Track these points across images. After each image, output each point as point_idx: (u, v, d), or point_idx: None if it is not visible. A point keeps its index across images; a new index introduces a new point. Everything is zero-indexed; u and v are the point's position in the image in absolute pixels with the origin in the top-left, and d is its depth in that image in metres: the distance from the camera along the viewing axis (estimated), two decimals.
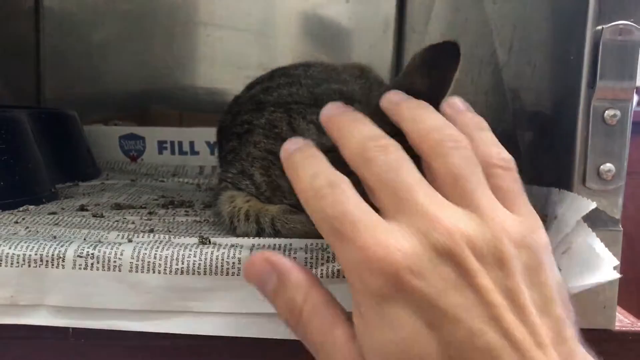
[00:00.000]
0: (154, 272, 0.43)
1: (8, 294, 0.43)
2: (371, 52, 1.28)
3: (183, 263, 0.44)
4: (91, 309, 0.44)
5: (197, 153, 0.99)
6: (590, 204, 0.45)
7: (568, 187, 0.47)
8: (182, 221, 0.57)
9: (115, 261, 0.43)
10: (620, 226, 0.47)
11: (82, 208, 0.60)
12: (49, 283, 0.43)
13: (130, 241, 0.47)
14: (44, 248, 0.44)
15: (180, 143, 0.99)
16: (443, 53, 0.46)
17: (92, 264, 0.43)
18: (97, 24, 1.25)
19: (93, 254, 0.43)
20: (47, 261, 0.43)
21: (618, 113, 0.45)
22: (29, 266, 0.43)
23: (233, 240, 0.48)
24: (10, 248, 0.43)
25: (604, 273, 0.42)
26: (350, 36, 1.29)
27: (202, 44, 1.27)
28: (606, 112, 0.45)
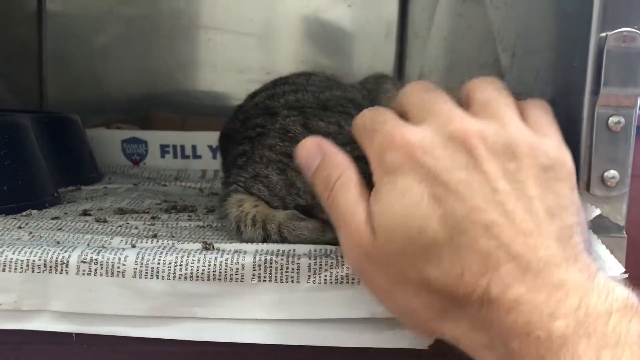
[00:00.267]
0: (158, 278, 0.43)
1: (12, 299, 0.43)
2: (373, 57, 1.28)
3: (187, 269, 0.44)
4: (94, 315, 0.44)
5: (200, 157, 0.99)
6: (594, 211, 0.45)
7: None
8: (185, 226, 0.57)
9: (119, 267, 0.43)
10: (624, 232, 0.47)
11: (85, 213, 0.60)
12: (53, 288, 0.43)
13: (133, 247, 0.47)
14: (48, 253, 0.44)
15: (182, 147, 0.99)
16: None
17: (96, 270, 0.43)
18: (100, 28, 1.25)
19: (97, 260, 0.43)
20: (51, 267, 0.43)
21: (622, 120, 0.45)
22: (33, 272, 0.43)
23: (237, 246, 0.47)
24: (14, 253, 0.43)
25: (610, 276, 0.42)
26: (352, 41, 1.29)
27: (204, 48, 1.27)
28: (610, 119, 0.45)
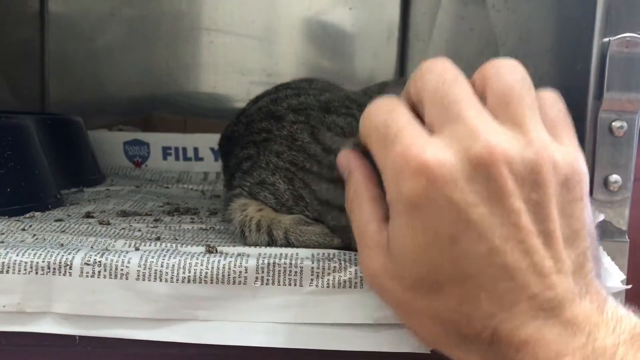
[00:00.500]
0: (161, 281, 0.43)
1: (15, 301, 0.43)
2: (374, 60, 1.28)
3: (190, 272, 0.44)
4: (98, 317, 0.44)
5: (202, 159, 1.00)
6: (598, 216, 0.45)
7: None
8: (188, 229, 0.57)
9: (122, 269, 0.43)
10: (626, 237, 0.47)
11: (88, 215, 0.60)
12: (56, 290, 0.43)
13: (137, 249, 0.47)
14: (51, 255, 0.44)
15: (184, 149, 1.00)
16: None
17: (99, 272, 0.43)
18: (102, 30, 1.25)
19: (100, 262, 0.43)
20: (55, 268, 0.43)
21: (625, 124, 0.45)
22: (36, 273, 0.43)
23: (240, 249, 0.48)
24: (17, 255, 0.44)
25: (611, 285, 0.42)
26: (353, 43, 1.29)
27: (206, 50, 1.27)
28: (613, 124, 0.45)
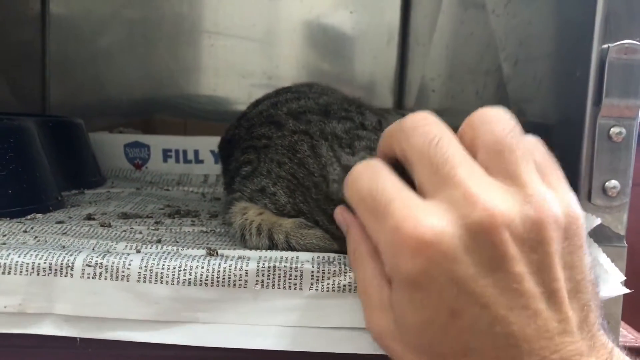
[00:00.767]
0: (162, 283, 0.44)
1: (16, 302, 0.44)
2: (375, 63, 1.29)
3: (191, 274, 0.44)
4: (99, 318, 0.44)
5: (202, 162, 1.00)
6: (595, 220, 0.46)
7: None
8: (189, 231, 0.57)
9: (123, 271, 0.44)
10: (624, 242, 0.47)
11: (89, 217, 0.60)
12: (58, 292, 0.44)
13: (138, 252, 0.47)
14: (53, 257, 0.44)
15: (185, 151, 1.00)
16: None
17: (101, 274, 0.44)
18: (103, 32, 1.26)
19: (102, 264, 0.44)
20: (56, 270, 0.44)
21: (623, 131, 0.46)
22: (38, 274, 0.43)
23: (240, 252, 0.48)
24: (19, 256, 0.44)
25: (612, 288, 0.43)
26: (353, 47, 1.30)
27: (207, 53, 1.28)
28: (611, 130, 0.46)
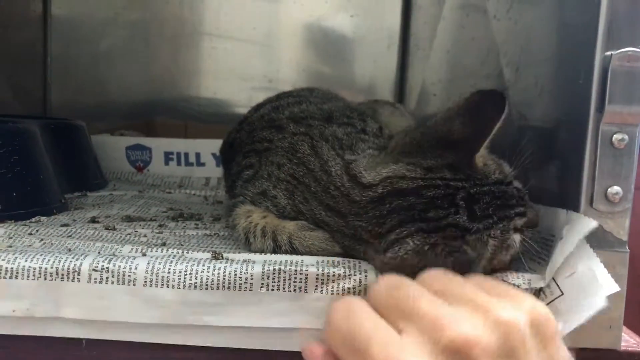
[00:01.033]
0: (168, 287, 0.44)
1: (24, 306, 0.44)
2: (375, 67, 1.29)
3: (196, 278, 0.44)
4: (106, 322, 0.44)
5: (203, 164, 1.00)
6: (590, 223, 0.46)
7: (576, 208, 0.48)
8: (193, 235, 0.58)
9: (129, 275, 0.44)
10: (627, 247, 0.48)
11: (94, 220, 0.61)
12: (65, 296, 0.44)
13: (144, 255, 0.47)
14: (60, 261, 0.44)
15: (186, 154, 1.00)
16: (488, 102, 0.46)
17: (107, 278, 0.44)
18: (104, 34, 1.26)
19: (108, 268, 0.44)
20: (63, 274, 0.44)
21: (626, 137, 0.46)
22: (45, 279, 0.44)
23: (245, 255, 0.48)
24: (26, 261, 0.44)
25: (599, 302, 0.43)
26: (354, 51, 1.30)
27: (207, 56, 1.28)
28: (614, 136, 0.46)
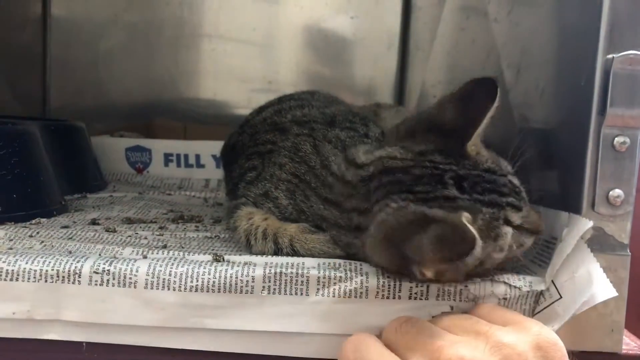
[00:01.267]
0: (169, 289, 0.44)
1: (25, 309, 0.44)
2: (375, 68, 1.29)
3: (198, 280, 0.44)
4: (106, 325, 0.44)
5: (203, 166, 1.00)
6: (586, 223, 0.46)
7: (577, 211, 0.48)
8: (194, 237, 0.58)
9: (130, 277, 0.44)
10: (628, 251, 0.47)
11: (94, 222, 0.60)
12: (65, 298, 0.44)
13: (145, 257, 0.47)
14: (60, 263, 0.44)
15: (186, 156, 1.00)
16: (481, 90, 0.46)
17: (108, 280, 0.44)
18: (104, 35, 1.26)
19: (109, 270, 0.44)
20: (64, 277, 0.44)
21: (627, 140, 0.46)
22: (46, 281, 0.44)
23: (246, 258, 0.48)
24: (27, 263, 0.44)
25: (593, 298, 0.44)
26: (354, 52, 1.30)
27: (207, 57, 1.28)
28: (616, 139, 0.46)
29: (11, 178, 0.59)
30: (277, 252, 0.50)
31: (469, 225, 0.40)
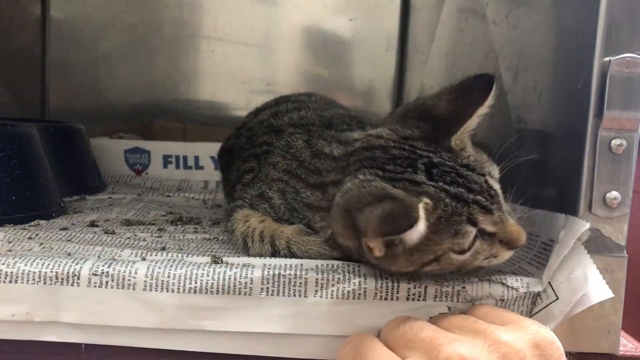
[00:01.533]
0: (168, 291, 0.44)
1: (24, 311, 0.44)
2: (373, 70, 1.29)
3: (196, 282, 0.44)
4: (105, 327, 0.44)
5: (202, 168, 1.00)
6: (583, 224, 0.46)
7: (574, 213, 0.48)
8: (192, 239, 0.58)
9: (129, 279, 0.44)
10: (625, 252, 0.48)
11: (93, 224, 0.61)
12: (64, 300, 0.44)
13: (143, 259, 0.47)
14: (59, 265, 0.44)
15: (185, 157, 1.00)
16: (477, 86, 0.47)
17: (107, 282, 0.44)
18: (103, 37, 1.26)
19: (108, 272, 0.44)
20: (63, 279, 0.44)
21: (624, 142, 0.46)
22: (45, 283, 0.44)
23: (245, 259, 0.48)
24: (26, 265, 0.44)
25: (589, 300, 0.44)
26: (352, 54, 1.30)
27: (206, 58, 1.28)
28: (613, 142, 0.46)
29: (10, 180, 0.59)
30: (275, 254, 0.51)
31: (422, 208, 0.41)
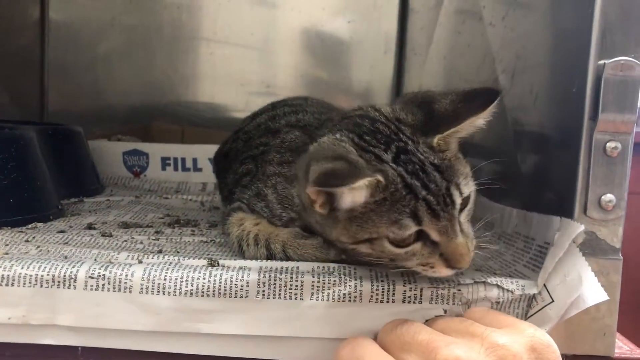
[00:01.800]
0: (164, 294, 0.44)
1: (20, 314, 0.44)
2: (372, 72, 1.30)
3: (192, 285, 0.44)
4: (102, 329, 0.44)
5: (200, 170, 1.00)
6: (578, 227, 0.46)
7: (570, 216, 0.48)
8: (189, 241, 0.58)
9: (126, 282, 0.44)
10: (620, 255, 0.48)
11: (90, 226, 0.61)
12: (61, 303, 0.44)
13: (140, 262, 0.47)
14: (56, 268, 0.44)
15: (183, 159, 1.00)
16: (480, 97, 0.47)
17: (103, 285, 0.44)
18: (102, 39, 1.26)
19: (104, 275, 0.44)
20: (59, 281, 0.44)
21: (619, 145, 0.46)
22: (41, 286, 0.44)
23: (241, 262, 0.48)
24: (22, 268, 0.44)
25: (584, 302, 0.45)
26: (351, 56, 1.30)
27: (205, 60, 1.28)
28: (607, 144, 0.47)
29: (7, 183, 0.60)
30: (270, 258, 0.51)
31: (366, 180, 0.42)
